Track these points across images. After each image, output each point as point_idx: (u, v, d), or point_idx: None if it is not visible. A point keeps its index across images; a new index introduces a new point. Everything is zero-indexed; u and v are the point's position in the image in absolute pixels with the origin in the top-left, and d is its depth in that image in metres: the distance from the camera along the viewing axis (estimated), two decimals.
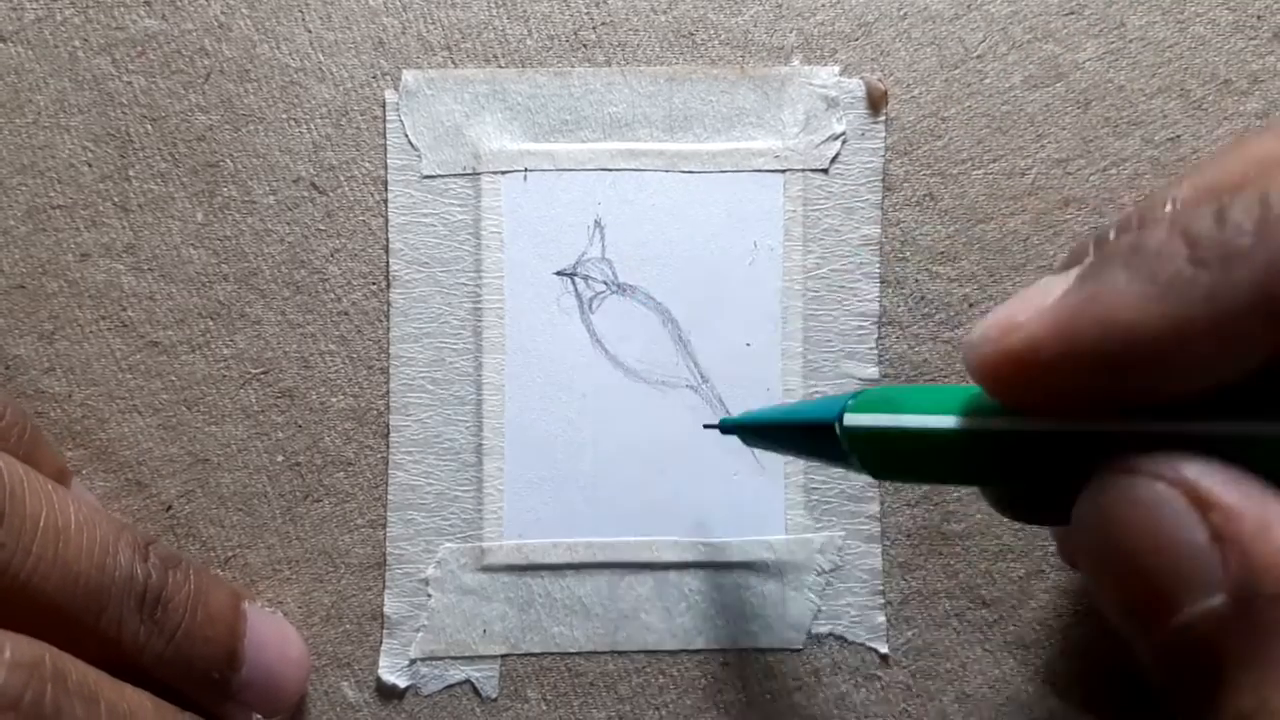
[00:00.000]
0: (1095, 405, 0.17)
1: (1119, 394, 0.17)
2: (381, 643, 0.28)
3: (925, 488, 0.28)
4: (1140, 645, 0.17)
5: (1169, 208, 0.18)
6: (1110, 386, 0.17)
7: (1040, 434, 0.18)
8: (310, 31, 0.28)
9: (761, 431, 0.25)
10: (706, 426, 0.27)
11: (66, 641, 0.21)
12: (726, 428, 0.26)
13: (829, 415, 0.21)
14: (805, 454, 0.24)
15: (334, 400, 0.28)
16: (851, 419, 0.20)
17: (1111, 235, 0.18)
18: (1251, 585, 0.15)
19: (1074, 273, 0.17)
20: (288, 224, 0.28)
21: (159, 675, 0.23)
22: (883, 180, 0.28)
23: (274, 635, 0.26)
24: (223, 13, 0.28)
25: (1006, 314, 0.18)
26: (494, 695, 0.28)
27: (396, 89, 0.28)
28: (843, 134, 0.28)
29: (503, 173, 0.28)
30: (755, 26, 0.29)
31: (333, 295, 0.28)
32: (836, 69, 0.28)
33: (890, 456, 0.20)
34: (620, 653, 0.28)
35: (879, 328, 0.28)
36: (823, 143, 0.28)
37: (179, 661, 0.23)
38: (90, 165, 0.28)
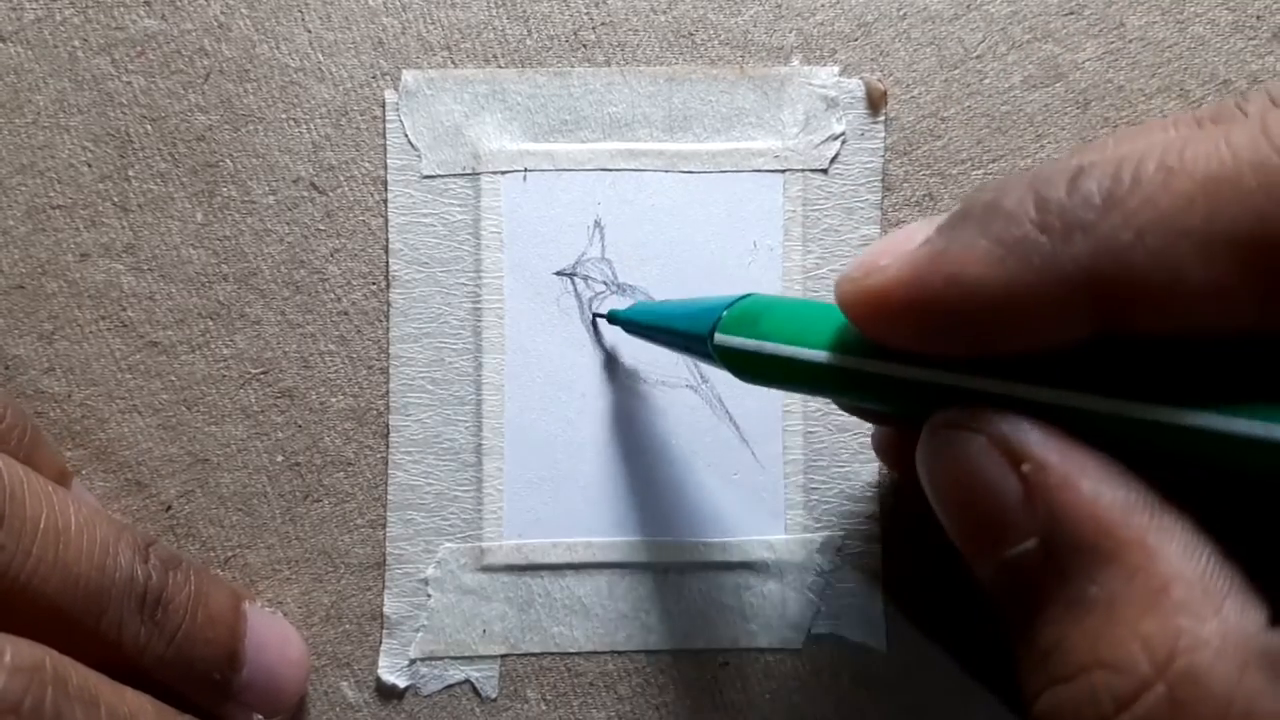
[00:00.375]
0: (940, 349, 0.18)
1: (961, 343, 0.18)
2: (381, 643, 0.28)
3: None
4: (978, 573, 0.18)
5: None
6: (953, 335, 0.18)
7: (879, 376, 0.19)
8: (310, 31, 0.28)
9: (644, 330, 0.26)
10: (597, 315, 0.28)
11: (67, 643, 0.21)
12: (614, 319, 0.27)
13: (702, 329, 0.23)
14: (683, 353, 0.26)
15: (334, 400, 0.28)
16: (721, 338, 0.22)
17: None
18: (1055, 532, 0.16)
19: (936, 222, 0.18)
20: (287, 224, 0.28)
21: (159, 677, 0.23)
22: (882, 180, 0.28)
23: (274, 636, 0.26)
24: (222, 13, 0.28)
25: (873, 254, 0.19)
26: (494, 695, 0.28)
27: (396, 89, 0.28)
28: (842, 134, 0.28)
29: (502, 173, 0.28)
30: (755, 27, 0.29)
31: (332, 295, 0.28)
32: (836, 69, 0.28)
33: (755, 372, 0.22)
34: (620, 653, 0.28)
35: None
36: (822, 143, 0.28)
37: (180, 663, 0.23)
38: (90, 165, 0.28)
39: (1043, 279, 0.16)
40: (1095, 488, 0.16)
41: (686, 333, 0.24)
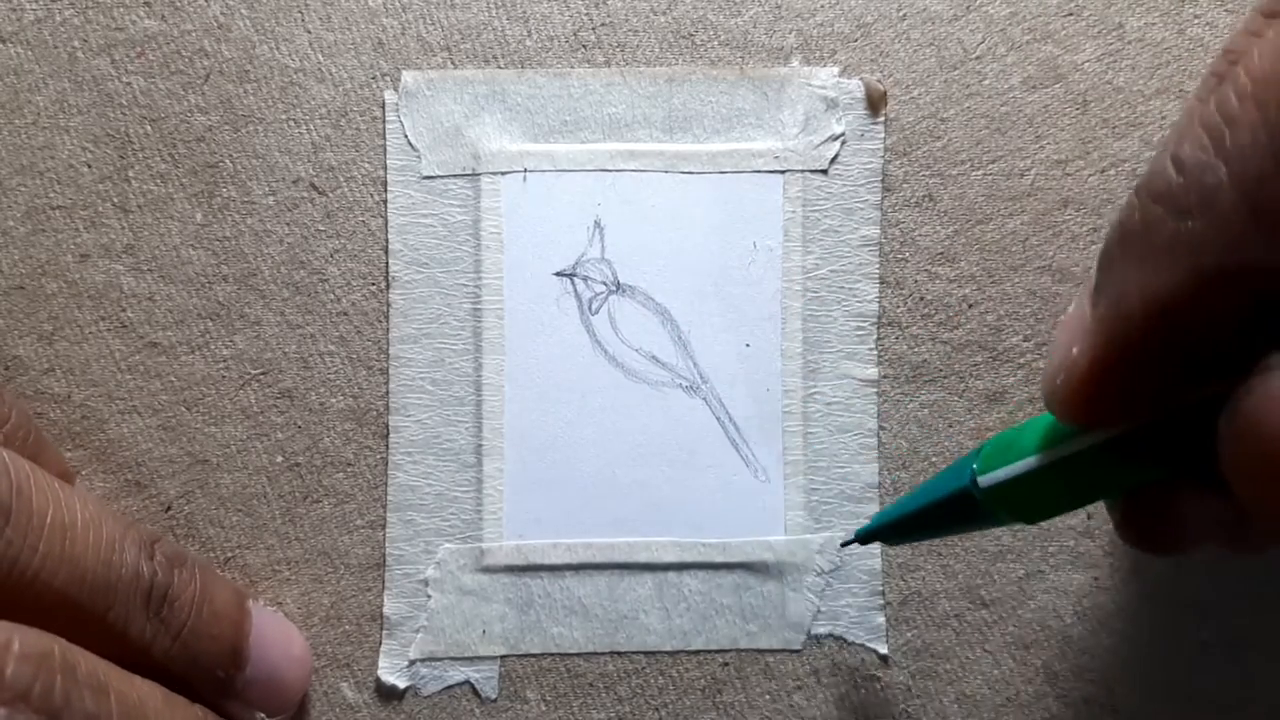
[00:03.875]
0: (1179, 388, 0.17)
1: (1187, 372, 0.17)
2: (381, 643, 0.28)
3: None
4: None
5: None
6: (1176, 372, 0.17)
7: (1149, 428, 0.18)
8: (310, 32, 0.28)
9: (900, 527, 0.25)
10: (844, 544, 0.27)
11: (74, 637, 0.21)
12: (864, 538, 0.26)
13: (963, 483, 0.22)
14: (950, 530, 0.25)
15: (333, 401, 0.28)
16: (986, 479, 0.21)
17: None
18: None
19: (1093, 274, 0.18)
20: (287, 225, 0.28)
21: (165, 673, 0.23)
22: (882, 181, 0.28)
23: (278, 634, 0.26)
24: (222, 13, 0.28)
25: (1060, 355, 0.18)
26: (493, 696, 0.28)
27: (396, 90, 0.28)
28: (842, 135, 0.28)
29: (502, 173, 0.28)
30: (755, 27, 0.29)
31: (332, 296, 0.28)
32: (836, 70, 0.29)
33: (1033, 499, 0.21)
34: (620, 653, 0.28)
35: (878, 328, 0.28)
36: (822, 143, 0.28)
37: (185, 659, 0.23)
38: (90, 166, 0.28)
39: (1219, 258, 0.16)
40: None
41: (949, 498, 0.22)
